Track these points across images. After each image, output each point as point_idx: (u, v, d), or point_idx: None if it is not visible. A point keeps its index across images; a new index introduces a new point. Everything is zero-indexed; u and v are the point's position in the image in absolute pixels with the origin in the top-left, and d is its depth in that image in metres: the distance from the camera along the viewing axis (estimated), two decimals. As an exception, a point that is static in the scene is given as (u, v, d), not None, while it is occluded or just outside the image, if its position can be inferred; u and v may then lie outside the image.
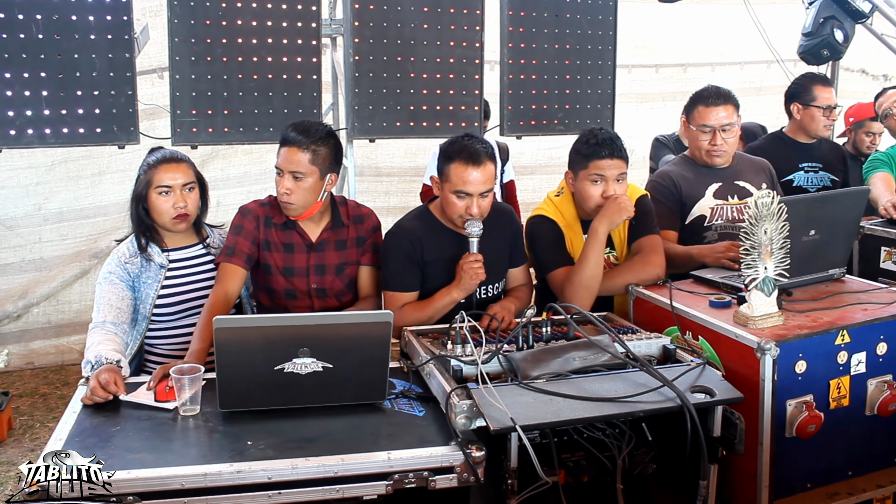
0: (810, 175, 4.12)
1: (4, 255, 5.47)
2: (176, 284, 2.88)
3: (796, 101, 4.10)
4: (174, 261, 2.89)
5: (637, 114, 6.73)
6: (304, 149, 2.75)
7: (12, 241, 5.46)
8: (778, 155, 3.99)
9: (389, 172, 6.36)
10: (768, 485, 2.33)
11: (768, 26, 5.67)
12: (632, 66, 6.79)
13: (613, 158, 2.94)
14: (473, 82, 3.98)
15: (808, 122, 4.09)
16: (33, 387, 5.18)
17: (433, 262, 2.90)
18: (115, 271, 2.80)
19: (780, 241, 2.45)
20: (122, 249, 2.85)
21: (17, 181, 5.37)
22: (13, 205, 5.42)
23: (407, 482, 2.01)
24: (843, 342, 2.45)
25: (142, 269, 2.83)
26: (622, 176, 2.98)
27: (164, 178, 2.81)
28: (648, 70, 6.95)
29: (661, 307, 2.76)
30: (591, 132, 3.02)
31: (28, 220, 5.47)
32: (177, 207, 2.82)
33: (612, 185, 2.96)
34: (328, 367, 2.19)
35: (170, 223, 2.84)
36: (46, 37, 3.36)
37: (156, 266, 2.85)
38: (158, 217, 2.84)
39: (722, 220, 3.37)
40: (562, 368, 2.28)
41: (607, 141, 2.94)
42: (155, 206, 2.82)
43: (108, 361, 2.45)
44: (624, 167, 2.98)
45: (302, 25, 3.71)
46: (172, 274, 2.87)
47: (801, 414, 2.35)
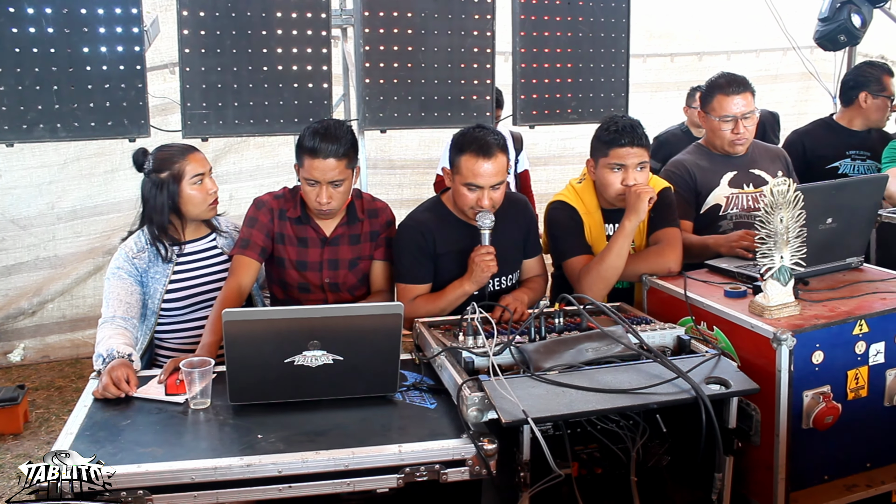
0: (857, 163, 4.09)
1: (18, 253, 5.50)
2: (185, 279, 2.88)
3: (865, 90, 4.07)
4: (184, 254, 2.89)
5: (652, 104, 6.67)
6: (339, 158, 2.73)
7: (26, 241, 5.48)
8: (825, 141, 4.01)
9: (403, 165, 6.34)
10: (785, 477, 2.30)
11: (785, 12, 5.62)
12: (647, 55, 6.75)
13: (634, 146, 2.90)
14: (485, 72, 3.95)
15: (873, 112, 4.08)
16: (49, 380, 5.22)
17: (446, 254, 2.89)
18: (123, 266, 2.80)
19: (797, 229, 2.41)
20: (130, 244, 2.85)
21: (30, 180, 5.38)
22: (26, 204, 5.43)
23: (418, 475, 2.00)
24: (860, 332, 2.41)
25: (150, 264, 2.83)
26: (643, 164, 2.94)
27: (197, 167, 2.84)
28: (663, 59, 6.89)
29: (675, 297, 2.73)
30: (612, 119, 2.98)
31: (41, 218, 5.48)
32: (212, 193, 2.86)
33: (633, 173, 2.92)
34: (338, 360, 2.18)
35: (208, 210, 2.87)
36: (56, 31, 3.35)
37: (163, 261, 2.84)
38: (194, 207, 2.84)
39: (737, 209, 3.33)
40: (574, 360, 2.26)
41: (627, 128, 2.90)
42: (191, 197, 2.83)
43: (120, 355, 2.45)
44: (645, 155, 2.94)
45: (312, 16, 3.68)
46: (181, 268, 2.87)
47: (818, 405, 2.32)
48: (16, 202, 5.40)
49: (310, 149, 2.72)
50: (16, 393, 4.46)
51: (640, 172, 2.94)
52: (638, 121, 2.98)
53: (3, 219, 5.39)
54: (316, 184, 2.75)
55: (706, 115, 3.42)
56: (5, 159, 5.24)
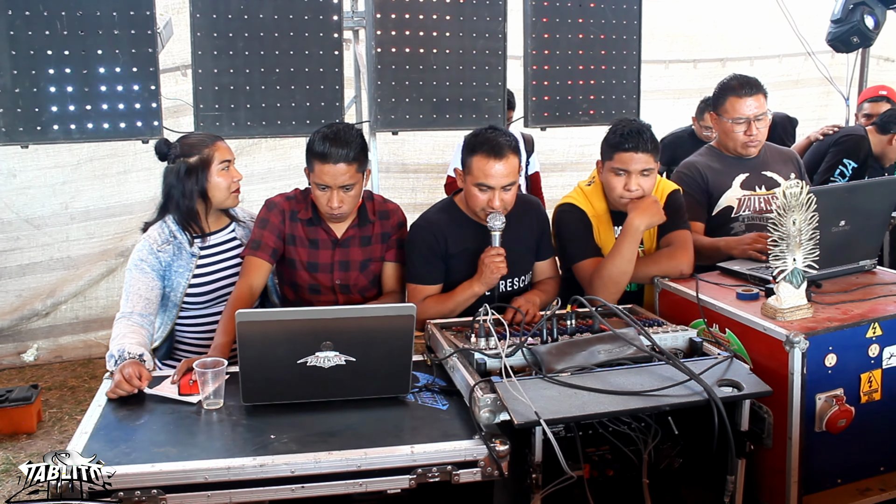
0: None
1: (32, 253, 5.51)
2: (207, 273, 2.89)
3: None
4: (206, 247, 2.90)
5: (674, 110, 6.55)
6: (349, 162, 2.73)
7: (40, 240, 5.50)
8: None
9: (416, 169, 6.31)
10: (797, 480, 2.30)
11: (804, 17, 5.59)
12: (669, 60, 6.72)
13: (638, 152, 2.87)
14: (497, 73, 3.95)
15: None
16: (62, 380, 5.24)
17: (458, 255, 2.89)
18: (146, 259, 2.80)
19: (810, 231, 2.41)
20: (154, 235, 2.84)
21: (44, 180, 5.39)
22: (40, 204, 5.45)
23: (430, 476, 2.01)
24: (874, 335, 2.40)
25: (174, 256, 2.84)
26: (648, 171, 2.90)
27: (224, 154, 2.87)
28: (686, 65, 6.85)
29: (687, 299, 2.73)
30: (620, 122, 2.96)
31: (55, 218, 5.50)
32: (236, 181, 2.89)
33: (636, 178, 2.89)
34: (351, 361, 2.19)
35: (230, 198, 2.89)
36: (71, 33, 3.38)
37: (188, 254, 2.85)
38: (220, 192, 2.86)
39: (749, 211, 3.32)
40: (587, 362, 2.26)
41: (633, 133, 2.88)
42: (217, 182, 2.85)
43: (132, 356, 2.46)
44: (651, 162, 2.90)
45: (324, 18, 3.70)
46: (204, 262, 2.88)
47: (831, 408, 2.31)
48: (30, 202, 5.42)
49: (320, 154, 2.72)
50: (29, 392, 4.48)
51: (644, 178, 2.90)
52: (647, 125, 2.96)
53: (17, 218, 5.42)
54: (327, 188, 2.76)
55: (718, 118, 3.41)
56: (20, 159, 5.26)
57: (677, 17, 6.31)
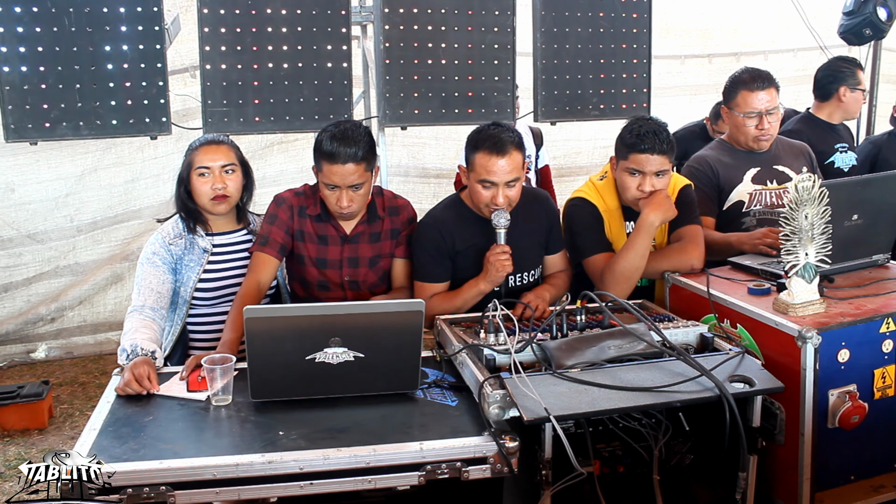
0: (844, 156, 4.10)
1: (38, 266, 5.44)
2: (217, 270, 2.89)
3: (844, 84, 4.10)
4: (217, 245, 2.90)
5: (691, 107, 6.43)
6: (357, 161, 2.71)
7: (45, 255, 5.43)
8: (818, 137, 4.00)
9: (438, 174, 6.18)
10: (810, 477, 2.28)
11: (818, 11, 5.53)
12: (684, 56, 6.66)
13: (654, 154, 2.84)
14: (506, 68, 3.93)
15: (852, 105, 4.14)
16: (72, 376, 5.26)
17: (465, 251, 2.88)
18: (158, 252, 2.82)
19: (822, 226, 2.38)
20: (167, 229, 2.87)
21: (46, 194, 5.28)
22: (42, 218, 5.33)
23: (440, 473, 2.00)
24: (887, 330, 2.38)
25: (185, 251, 2.85)
26: (663, 171, 2.88)
27: (203, 160, 2.85)
28: (701, 60, 6.79)
29: (698, 294, 2.71)
30: (636, 122, 2.93)
31: (60, 232, 5.41)
32: (215, 189, 2.84)
33: (651, 179, 2.87)
34: (360, 357, 2.18)
35: (209, 205, 2.86)
36: (78, 29, 3.38)
37: (199, 250, 2.86)
38: (199, 198, 2.86)
39: (760, 206, 3.30)
40: (597, 357, 2.25)
41: (649, 135, 2.84)
42: (195, 188, 2.85)
43: (144, 352, 2.46)
44: (666, 163, 2.88)
45: (332, 13, 3.68)
46: (215, 259, 2.89)
47: (843, 404, 2.29)
48: (31, 217, 5.31)
49: (328, 154, 2.70)
50: (40, 388, 4.51)
51: (659, 179, 2.88)
52: (664, 125, 2.93)
53: (18, 234, 5.30)
54: (336, 188, 2.74)
55: (730, 111, 3.39)
56: (19, 172, 5.16)
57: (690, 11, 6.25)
